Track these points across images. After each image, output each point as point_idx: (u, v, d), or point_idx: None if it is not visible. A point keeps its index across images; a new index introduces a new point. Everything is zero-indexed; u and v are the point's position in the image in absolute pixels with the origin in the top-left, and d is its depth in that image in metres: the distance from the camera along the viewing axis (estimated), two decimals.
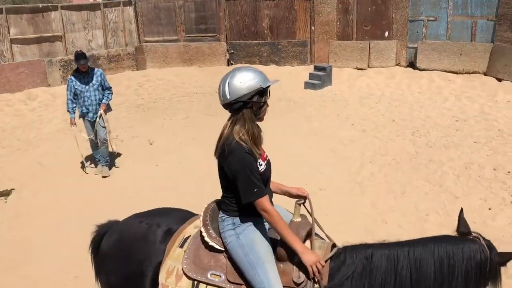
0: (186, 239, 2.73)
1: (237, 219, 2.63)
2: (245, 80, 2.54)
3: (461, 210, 2.72)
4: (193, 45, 13.16)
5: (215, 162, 2.65)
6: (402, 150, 7.26)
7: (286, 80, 11.80)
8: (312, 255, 2.47)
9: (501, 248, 4.49)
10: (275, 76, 12.14)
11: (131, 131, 8.68)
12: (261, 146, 2.64)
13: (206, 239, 2.67)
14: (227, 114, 2.64)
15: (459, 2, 10.88)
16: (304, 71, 12.01)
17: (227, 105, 2.56)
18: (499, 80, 10.23)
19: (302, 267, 2.49)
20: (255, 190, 2.48)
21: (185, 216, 2.93)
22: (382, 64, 11.82)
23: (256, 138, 2.57)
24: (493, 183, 5.97)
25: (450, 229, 4.99)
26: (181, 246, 2.71)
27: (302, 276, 2.49)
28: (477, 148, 7.16)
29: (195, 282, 2.61)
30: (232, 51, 13.06)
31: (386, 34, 11.84)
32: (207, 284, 2.59)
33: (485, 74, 10.63)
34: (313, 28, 12.41)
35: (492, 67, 10.47)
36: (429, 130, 8.04)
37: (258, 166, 2.54)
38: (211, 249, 2.66)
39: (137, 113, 9.91)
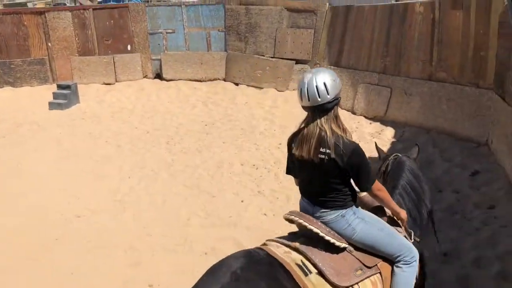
0: (301, 266, 2.56)
1: (354, 207, 2.77)
2: (335, 77, 2.62)
3: (375, 143, 3.84)
4: None
5: None
6: (159, 159, 7.32)
7: (27, 102, 10.62)
8: (404, 212, 2.99)
9: (255, 234, 4.94)
10: (13, 100, 10.79)
11: None
12: None
13: (338, 243, 2.68)
14: None
15: (192, 15, 11.64)
16: (46, 91, 10.99)
17: (318, 106, 2.58)
18: (236, 84, 11.36)
19: (395, 224, 2.96)
20: (371, 174, 2.74)
21: (239, 254, 2.59)
22: (130, 78, 11.77)
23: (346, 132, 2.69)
24: (242, 177, 6.54)
25: (210, 228, 5.25)
26: (309, 272, 2.55)
27: (400, 230, 2.95)
28: (226, 147, 7.76)
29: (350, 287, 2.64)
30: None
31: (129, 47, 11.81)
32: (359, 282, 2.65)
33: (224, 80, 11.64)
34: (49, 44, 11.46)
35: (229, 73, 11.54)
36: (182, 137, 8.35)
37: None
38: (339, 251, 2.70)
39: None
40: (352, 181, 2.74)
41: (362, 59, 9.12)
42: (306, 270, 2.55)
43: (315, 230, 2.67)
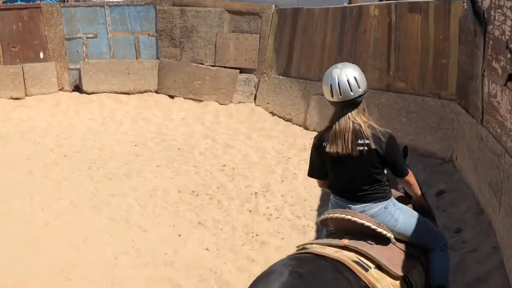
0: (359, 262, 2.83)
1: (392, 198, 3.19)
2: (360, 71, 3.08)
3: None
4: None
5: None
6: (79, 188, 7.14)
7: None
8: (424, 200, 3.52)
9: (196, 273, 4.87)
10: None
11: None
12: None
13: (389, 235, 3.03)
14: None
15: (117, 17, 11.51)
16: None
17: (349, 100, 2.99)
18: (172, 97, 11.31)
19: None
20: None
21: (285, 259, 2.84)
22: (43, 91, 11.43)
23: None
24: (179, 206, 6.48)
25: (142, 268, 5.14)
26: (368, 267, 2.84)
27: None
28: (160, 171, 7.67)
29: (405, 278, 2.96)
30: None
31: (42, 55, 11.49)
32: (410, 271, 3.02)
33: (157, 92, 11.56)
34: None
35: (163, 84, 11.48)
36: (107, 160, 8.19)
37: None
38: (386, 243, 3.03)
39: None
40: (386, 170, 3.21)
41: (314, 67, 9.35)
42: (366, 266, 2.84)
43: (367, 223, 3.00)
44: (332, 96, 3.03)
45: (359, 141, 2.99)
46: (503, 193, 4.52)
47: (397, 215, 3.13)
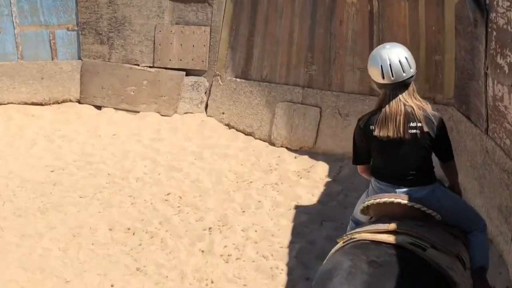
0: (414, 243, 3.36)
1: (437, 182, 3.86)
2: (409, 51, 3.73)
3: None
4: None
5: None
6: None
7: None
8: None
9: None
10: None
11: None
12: None
13: (438, 217, 3.66)
14: None
15: (25, 6, 11.31)
16: None
17: (400, 82, 3.65)
18: (99, 107, 11.18)
19: None
20: None
21: (347, 248, 3.44)
22: None
23: None
24: (111, 249, 6.41)
25: None
26: (425, 247, 3.37)
27: None
28: (85, 204, 7.57)
29: (458, 256, 3.54)
30: None
31: None
32: (461, 248, 3.65)
33: (79, 101, 11.40)
34: None
35: (87, 92, 11.34)
36: (15, 191, 8.03)
37: None
38: (433, 224, 3.64)
39: None
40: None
41: (280, 68, 9.42)
42: (423, 246, 3.37)
43: (417, 205, 3.60)
44: (383, 78, 3.65)
45: (411, 124, 3.61)
46: None
47: (443, 198, 3.75)
